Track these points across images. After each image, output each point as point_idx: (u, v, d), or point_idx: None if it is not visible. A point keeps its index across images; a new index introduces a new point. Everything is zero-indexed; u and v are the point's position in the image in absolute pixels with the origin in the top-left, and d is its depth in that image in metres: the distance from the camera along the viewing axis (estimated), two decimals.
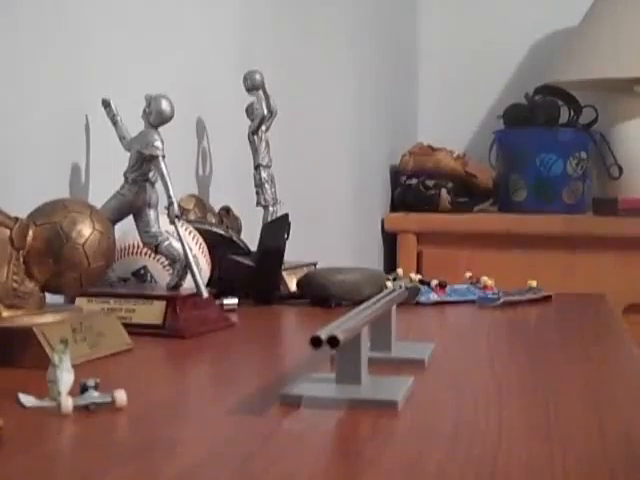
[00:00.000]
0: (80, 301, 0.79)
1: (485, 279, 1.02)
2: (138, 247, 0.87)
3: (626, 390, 0.61)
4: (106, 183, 0.87)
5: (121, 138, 0.87)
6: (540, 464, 0.43)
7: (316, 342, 0.48)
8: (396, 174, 2.26)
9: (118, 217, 0.83)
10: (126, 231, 0.87)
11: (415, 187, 2.17)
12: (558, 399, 0.57)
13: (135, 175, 0.83)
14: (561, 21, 2.31)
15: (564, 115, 2.15)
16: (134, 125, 0.85)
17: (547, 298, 1.04)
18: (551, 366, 0.68)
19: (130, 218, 0.84)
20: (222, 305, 0.91)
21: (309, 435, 0.48)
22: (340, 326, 0.51)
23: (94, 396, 0.52)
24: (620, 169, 2.11)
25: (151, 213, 0.83)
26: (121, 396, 0.52)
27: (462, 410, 0.53)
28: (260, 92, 1.16)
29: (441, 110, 2.48)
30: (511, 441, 0.47)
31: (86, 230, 0.69)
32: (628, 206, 2.02)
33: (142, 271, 0.88)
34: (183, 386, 0.64)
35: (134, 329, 0.74)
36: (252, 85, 1.16)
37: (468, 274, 1.04)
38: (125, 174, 0.83)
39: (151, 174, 0.83)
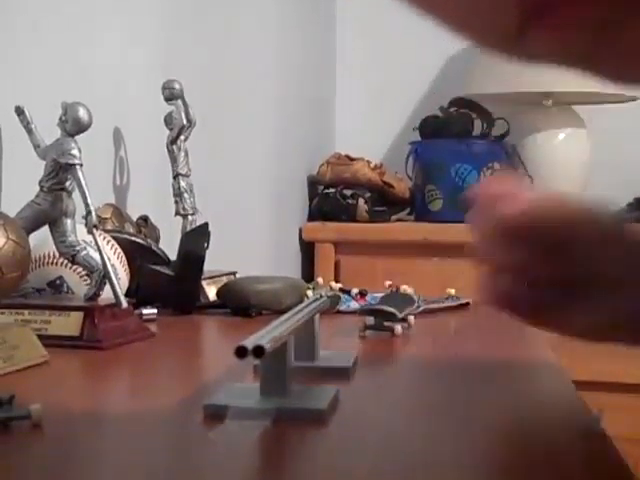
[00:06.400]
0: None
1: (405, 287, 1.02)
2: (54, 257, 0.85)
3: (545, 396, 0.62)
4: (20, 192, 0.84)
5: (36, 146, 0.84)
6: (466, 472, 0.43)
7: (241, 352, 0.48)
8: (314, 184, 2.27)
9: (33, 226, 0.81)
10: (42, 240, 0.84)
11: (333, 196, 2.18)
12: (480, 406, 0.57)
13: (51, 184, 0.81)
14: None
15: (477, 127, 2.19)
16: (50, 133, 0.83)
17: (465, 305, 1.05)
18: (473, 373, 0.69)
19: (46, 227, 0.82)
20: (141, 315, 0.90)
21: (234, 447, 0.47)
22: (265, 336, 0.50)
23: (9, 411, 0.50)
24: (531, 179, 2.17)
25: (68, 222, 0.81)
26: (38, 410, 0.50)
27: (387, 420, 0.54)
28: (179, 101, 1.15)
29: (359, 121, 2.50)
30: (437, 450, 0.47)
31: (0, 240, 0.67)
32: None
33: (58, 281, 0.86)
34: (102, 399, 0.62)
35: (50, 341, 0.72)
36: (171, 94, 1.14)
37: (388, 282, 1.05)
38: (40, 183, 0.81)
39: (67, 183, 0.81)
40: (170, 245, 1.06)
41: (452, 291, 1.05)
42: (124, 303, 0.78)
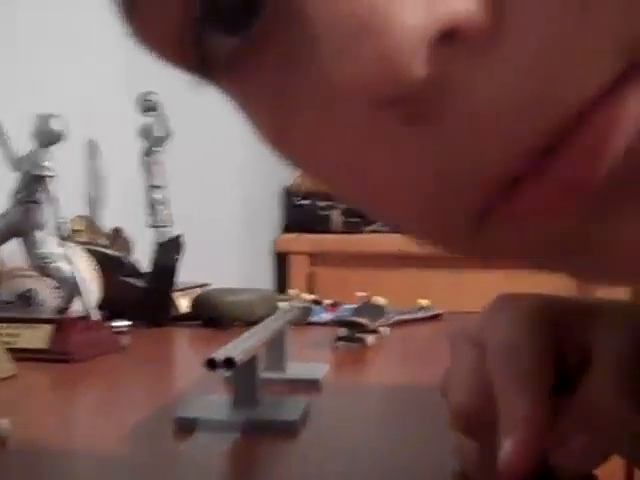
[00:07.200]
0: None
1: (377, 298, 1.03)
2: (25, 269, 0.84)
3: None
4: None
5: (8, 158, 0.84)
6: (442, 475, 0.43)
7: (212, 364, 0.48)
8: (288, 195, 2.27)
9: (4, 239, 0.81)
10: (12, 252, 0.84)
11: (307, 208, 2.18)
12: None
13: (23, 195, 0.81)
14: None
15: None
16: (23, 145, 0.83)
17: (437, 316, 1.06)
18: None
19: (17, 239, 0.82)
20: (112, 328, 0.89)
21: (205, 459, 0.47)
22: (236, 347, 0.50)
23: None
24: None
25: (39, 234, 0.81)
26: (5, 425, 0.50)
27: (359, 431, 0.54)
28: (156, 113, 1.15)
29: None
30: (408, 460, 0.47)
31: None
32: None
33: (28, 294, 0.85)
34: (72, 413, 0.62)
35: (19, 355, 0.72)
36: (147, 106, 1.14)
37: (360, 294, 1.05)
38: (13, 194, 0.81)
39: (39, 195, 0.81)
40: (144, 257, 1.05)
41: (424, 302, 1.06)
42: (95, 315, 0.78)
